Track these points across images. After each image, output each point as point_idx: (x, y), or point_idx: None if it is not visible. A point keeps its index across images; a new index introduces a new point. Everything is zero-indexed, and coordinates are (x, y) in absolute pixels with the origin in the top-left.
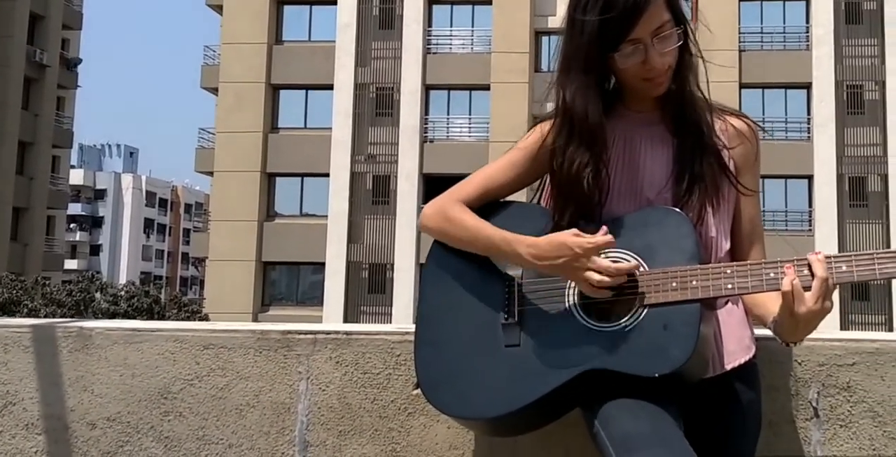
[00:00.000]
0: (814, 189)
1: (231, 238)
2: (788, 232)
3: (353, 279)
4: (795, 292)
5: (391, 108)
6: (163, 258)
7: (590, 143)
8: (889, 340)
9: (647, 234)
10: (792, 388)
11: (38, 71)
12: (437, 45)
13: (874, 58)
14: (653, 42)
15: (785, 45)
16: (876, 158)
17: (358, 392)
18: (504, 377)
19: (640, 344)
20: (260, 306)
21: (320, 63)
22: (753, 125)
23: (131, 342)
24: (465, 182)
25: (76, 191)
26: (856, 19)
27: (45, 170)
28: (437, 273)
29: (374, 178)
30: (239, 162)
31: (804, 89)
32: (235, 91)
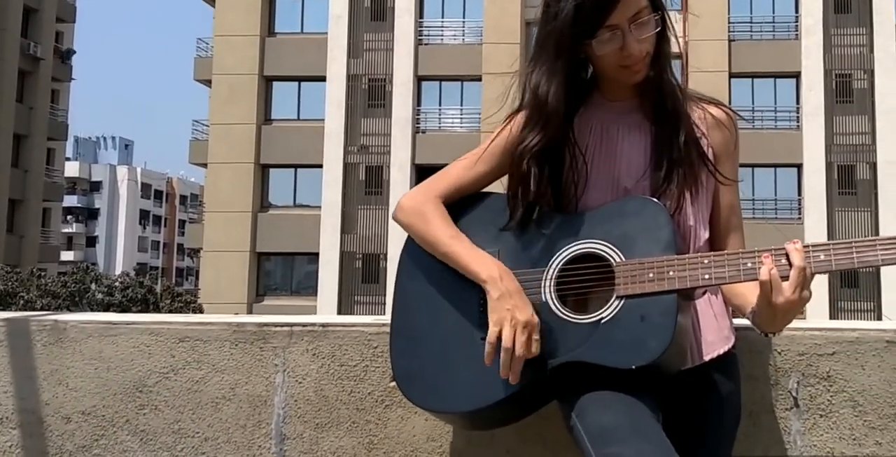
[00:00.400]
0: (803, 177)
1: (225, 229)
2: (778, 220)
3: (347, 269)
4: (773, 282)
5: (383, 100)
6: (159, 249)
7: (543, 126)
8: (869, 329)
9: (624, 224)
10: (772, 377)
11: (33, 64)
12: (428, 36)
13: (863, 47)
14: (630, 28)
15: (774, 35)
16: (864, 147)
17: (335, 384)
18: (480, 371)
19: (617, 336)
20: (254, 297)
21: (313, 55)
22: (732, 113)
23: (106, 335)
24: (441, 175)
25: (72, 183)
26: (845, 9)
27: (41, 162)
28: (413, 264)
29: (367, 168)
30: (233, 153)
31: (793, 78)
32: (229, 83)
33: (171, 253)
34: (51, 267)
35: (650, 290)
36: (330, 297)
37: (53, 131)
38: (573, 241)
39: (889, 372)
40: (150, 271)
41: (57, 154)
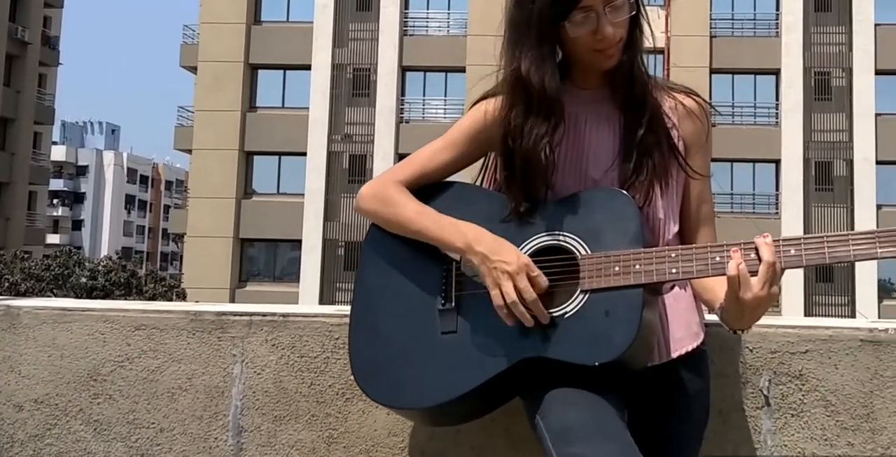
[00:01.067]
0: (781, 173)
1: (210, 215)
2: (755, 214)
3: (329, 256)
4: (741, 277)
5: (368, 89)
6: (144, 234)
7: (547, 114)
8: (843, 327)
9: (590, 216)
10: (743, 375)
11: (20, 48)
12: (413, 27)
13: (841, 45)
14: (605, 11)
15: (755, 32)
16: (842, 144)
17: (294, 376)
18: (440, 366)
19: (581, 331)
20: (237, 282)
21: (298, 44)
22: (704, 103)
23: (60, 322)
24: (403, 163)
25: (58, 167)
26: (824, 7)
27: (27, 146)
28: (375, 256)
29: (351, 157)
30: (218, 140)
31: (773, 75)
32: (214, 70)
33: (155, 238)
34: (36, 250)
35: (615, 284)
36: (312, 283)
37: (40, 115)
38: (539, 232)
39: (862, 372)
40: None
41: (43, 138)
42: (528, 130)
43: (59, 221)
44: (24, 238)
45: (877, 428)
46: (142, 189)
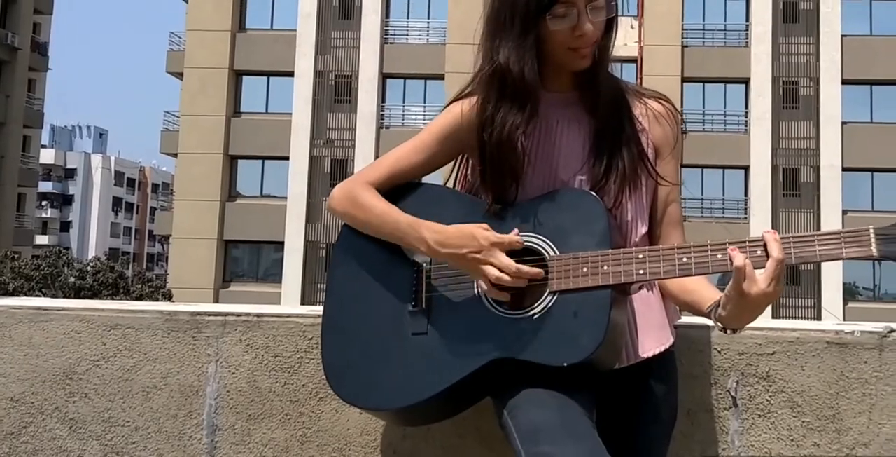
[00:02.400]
0: (750, 179)
1: (195, 217)
2: (725, 219)
3: (311, 258)
4: (748, 272)
5: (349, 96)
6: (130, 235)
7: (523, 103)
8: (809, 329)
9: (559, 217)
10: (711, 377)
11: (10, 53)
12: (394, 35)
13: (809, 56)
14: (586, 9)
15: (726, 42)
16: (809, 151)
17: (268, 376)
18: (410, 367)
19: (550, 332)
20: (221, 283)
21: (282, 51)
22: (673, 108)
23: (36, 321)
24: (374, 164)
25: (47, 170)
26: (793, 18)
27: (17, 149)
28: (347, 257)
29: (332, 161)
30: (203, 144)
31: (743, 84)
32: (200, 76)
33: (142, 239)
34: (25, 250)
35: (584, 285)
36: (294, 284)
37: (30, 119)
38: (508, 233)
39: (828, 373)
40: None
41: (33, 141)
42: (502, 119)
43: (48, 223)
44: (13, 239)
45: (842, 429)
46: (129, 192)
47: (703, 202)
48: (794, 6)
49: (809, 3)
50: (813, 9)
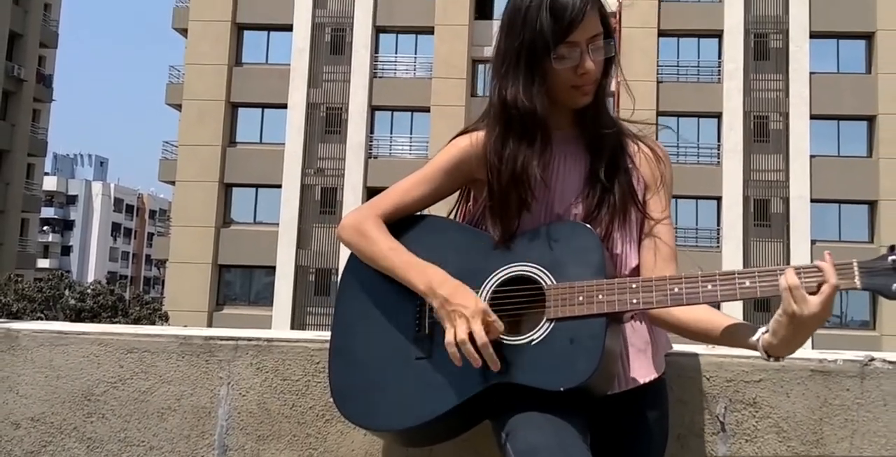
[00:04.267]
0: (722, 209)
1: (190, 242)
2: (698, 248)
3: (301, 282)
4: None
5: (339, 127)
6: (128, 259)
7: (533, 137)
8: (794, 357)
9: (555, 248)
10: (700, 402)
11: (16, 85)
12: (382, 69)
13: (779, 92)
14: (588, 49)
15: (699, 78)
16: (779, 183)
17: (277, 398)
18: (414, 389)
19: (547, 358)
20: (215, 305)
21: (276, 84)
22: (663, 151)
23: (57, 345)
24: (383, 196)
25: (50, 196)
26: (763, 56)
27: (21, 176)
28: (354, 283)
29: (323, 190)
30: (199, 173)
31: (715, 118)
32: (198, 108)
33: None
34: (28, 273)
35: (580, 313)
36: (284, 307)
37: (34, 148)
38: (507, 263)
39: (812, 400)
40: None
41: (36, 169)
42: (514, 154)
43: (50, 247)
44: (16, 262)
45: (826, 453)
46: (127, 218)
47: (677, 231)
48: (765, 44)
49: (779, 42)
50: (782, 47)
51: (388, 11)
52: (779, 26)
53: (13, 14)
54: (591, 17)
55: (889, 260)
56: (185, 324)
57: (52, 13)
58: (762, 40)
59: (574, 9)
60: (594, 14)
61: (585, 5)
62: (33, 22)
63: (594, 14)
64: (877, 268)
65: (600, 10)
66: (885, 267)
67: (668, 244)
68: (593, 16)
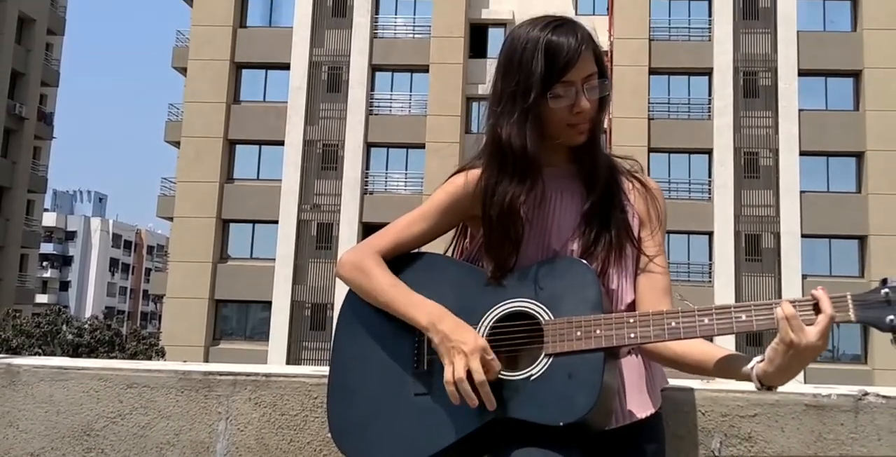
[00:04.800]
0: (714, 244)
1: (187, 277)
2: (690, 282)
3: (297, 317)
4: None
5: (336, 163)
6: (126, 294)
7: (523, 175)
8: (789, 392)
9: (553, 283)
10: (696, 437)
11: (18, 123)
12: (378, 107)
13: (769, 128)
14: (583, 88)
15: (689, 115)
16: (769, 218)
17: (275, 433)
18: (412, 425)
19: (546, 393)
20: (212, 340)
21: (273, 121)
22: (657, 188)
23: (57, 380)
24: (381, 233)
25: (49, 232)
26: (753, 93)
27: (21, 212)
28: (352, 320)
29: (319, 225)
30: (197, 209)
31: (706, 155)
32: (196, 145)
33: (136, 298)
34: (26, 308)
35: (578, 348)
36: (280, 342)
37: (34, 184)
38: (505, 299)
39: (807, 434)
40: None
41: (36, 205)
42: (504, 190)
43: (48, 282)
44: (15, 297)
45: None
46: (125, 253)
47: (670, 266)
48: (754, 82)
49: (768, 80)
50: (771, 85)
51: (383, 50)
52: (767, 64)
53: (15, 53)
54: (586, 57)
55: (882, 293)
56: (182, 359)
57: (54, 52)
58: (751, 78)
59: (569, 49)
60: (589, 54)
61: (580, 46)
62: (35, 61)
63: (589, 54)
64: (870, 301)
65: (595, 50)
66: (878, 300)
67: (662, 279)
68: (588, 56)
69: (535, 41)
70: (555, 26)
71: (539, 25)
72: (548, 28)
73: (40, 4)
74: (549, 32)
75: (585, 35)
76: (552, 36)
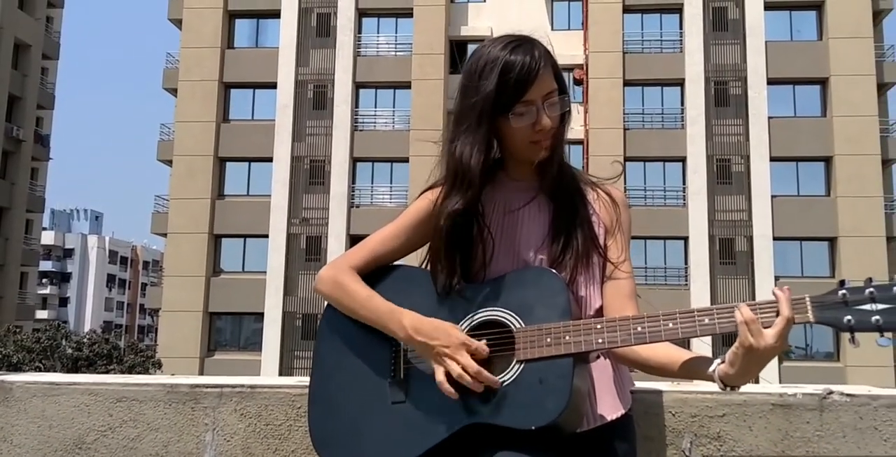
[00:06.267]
0: (689, 249)
1: (182, 291)
2: (667, 286)
3: (288, 327)
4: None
5: (323, 178)
6: (123, 309)
7: (465, 189)
8: (756, 392)
9: (523, 293)
10: (667, 438)
11: (15, 145)
12: (363, 123)
13: (739, 136)
14: (543, 105)
15: (663, 125)
16: (742, 222)
17: (260, 443)
18: (391, 433)
19: (518, 398)
20: (206, 351)
21: (261, 139)
22: (621, 195)
23: (49, 395)
24: (357, 248)
25: (47, 250)
26: (724, 103)
27: (20, 231)
28: (331, 333)
29: (308, 238)
30: (190, 225)
31: (680, 162)
32: (187, 163)
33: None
34: (27, 324)
35: (548, 354)
36: (273, 352)
37: (32, 204)
38: (478, 308)
39: (774, 433)
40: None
41: (34, 224)
42: (443, 205)
43: (48, 299)
44: (15, 314)
45: None
46: (122, 269)
47: (647, 271)
48: (725, 91)
49: (738, 89)
50: (741, 94)
51: (366, 68)
52: (737, 74)
53: (12, 78)
54: (545, 76)
55: (839, 294)
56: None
57: (49, 76)
58: (722, 88)
59: (526, 69)
60: (547, 72)
61: (538, 64)
62: (31, 85)
63: (547, 72)
64: (828, 302)
65: (553, 67)
66: (835, 301)
67: (627, 284)
68: (546, 74)
69: (493, 62)
70: (513, 47)
71: (499, 46)
72: (507, 48)
73: (35, 30)
74: (508, 53)
75: (543, 53)
76: (510, 56)
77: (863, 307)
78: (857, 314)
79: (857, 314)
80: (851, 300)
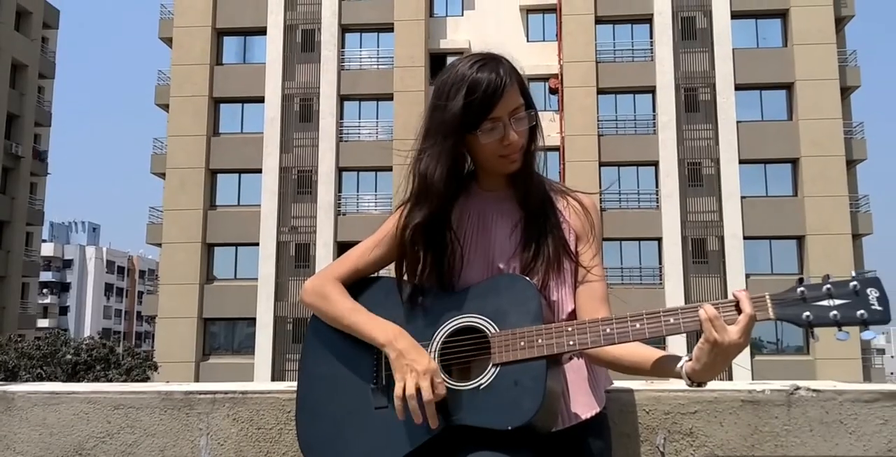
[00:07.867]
0: (663, 249)
1: (177, 298)
2: (643, 285)
3: (280, 332)
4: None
5: (310, 187)
6: (121, 316)
7: (429, 203)
8: (726, 389)
9: (497, 299)
10: (641, 434)
11: (14, 161)
12: (347, 134)
13: (709, 140)
14: (510, 121)
15: (636, 130)
16: (713, 223)
17: (253, 446)
18: (375, 437)
19: (495, 400)
20: (201, 356)
21: (251, 151)
22: (591, 202)
23: (50, 404)
24: (340, 260)
25: (47, 261)
26: (694, 108)
27: (20, 244)
28: (316, 342)
29: (297, 246)
30: (183, 234)
31: (653, 166)
32: (180, 175)
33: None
34: (28, 333)
35: (522, 357)
36: (265, 355)
37: (32, 218)
38: (454, 315)
39: (744, 428)
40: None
41: (34, 237)
42: (408, 219)
43: (48, 308)
44: (17, 323)
45: None
46: (119, 278)
47: (623, 271)
48: (694, 98)
49: (707, 95)
50: (710, 99)
51: (350, 81)
52: (706, 80)
53: (10, 97)
54: (510, 92)
55: (798, 291)
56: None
57: (46, 95)
58: (692, 94)
59: (492, 87)
60: (513, 87)
61: (503, 82)
62: (28, 103)
63: (513, 87)
64: (787, 299)
65: (519, 84)
66: (794, 298)
67: (599, 287)
68: (512, 90)
69: (460, 81)
70: (479, 66)
71: (466, 64)
72: (473, 67)
73: (32, 50)
74: (475, 71)
75: (508, 70)
76: (477, 74)
77: (821, 303)
78: (816, 310)
79: (815, 310)
80: (810, 297)
